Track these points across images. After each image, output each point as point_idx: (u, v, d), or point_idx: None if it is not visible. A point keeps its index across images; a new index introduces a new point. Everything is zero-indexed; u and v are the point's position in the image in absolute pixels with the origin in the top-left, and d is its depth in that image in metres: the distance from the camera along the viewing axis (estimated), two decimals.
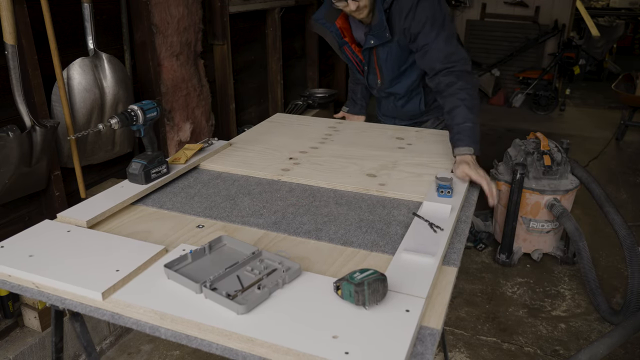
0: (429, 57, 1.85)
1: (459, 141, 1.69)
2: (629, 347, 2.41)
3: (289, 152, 1.88)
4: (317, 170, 1.71)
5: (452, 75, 1.79)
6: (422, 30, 1.83)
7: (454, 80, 1.78)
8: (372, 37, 1.93)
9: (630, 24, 9.43)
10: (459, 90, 1.76)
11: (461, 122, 1.71)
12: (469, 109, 1.72)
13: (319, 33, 2.11)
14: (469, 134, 1.69)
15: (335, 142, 2.00)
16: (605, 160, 4.85)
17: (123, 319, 1.02)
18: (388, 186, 1.58)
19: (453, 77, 1.79)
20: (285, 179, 1.66)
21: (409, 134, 2.07)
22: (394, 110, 2.24)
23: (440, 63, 1.82)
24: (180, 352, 2.39)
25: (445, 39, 1.83)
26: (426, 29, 1.83)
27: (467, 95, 1.75)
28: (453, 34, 1.88)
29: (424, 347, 0.93)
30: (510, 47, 6.65)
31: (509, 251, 3.07)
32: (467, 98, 1.74)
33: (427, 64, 1.88)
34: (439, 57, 1.83)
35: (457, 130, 1.71)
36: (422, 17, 1.82)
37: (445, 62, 1.81)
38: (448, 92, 1.78)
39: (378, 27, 1.89)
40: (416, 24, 1.83)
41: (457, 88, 1.76)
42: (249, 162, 1.78)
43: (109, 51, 2.33)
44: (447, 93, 1.79)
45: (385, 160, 1.79)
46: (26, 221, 2.17)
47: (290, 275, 1.07)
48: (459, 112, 1.73)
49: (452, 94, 1.77)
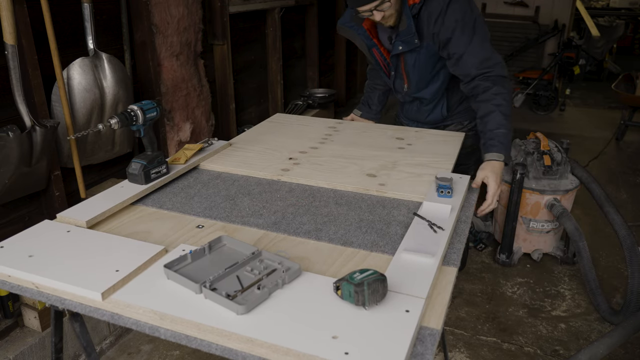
0: (463, 63, 1.80)
1: (491, 147, 1.68)
2: (629, 347, 2.41)
3: (288, 152, 1.88)
4: (317, 171, 1.70)
5: (489, 81, 1.76)
6: (453, 35, 1.78)
7: (489, 86, 1.75)
8: (401, 42, 1.88)
9: (630, 24, 9.43)
10: (495, 95, 1.73)
11: (495, 127, 1.69)
12: (504, 115, 1.70)
13: (347, 37, 2.07)
14: (501, 140, 1.68)
15: (335, 142, 1.99)
16: (605, 160, 4.85)
17: (123, 319, 1.02)
18: (388, 186, 1.58)
19: (489, 82, 1.75)
20: (285, 179, 1.66)
21: (408, 134, 2.07)
22: (417, 114, 2.20)
23: (475, 69, 1.78)
24: (180, 352, 2.39)
25: (479, 43, 1.78)
26: (457, 34, 1.77)
27: (503, 101, 1.72)
28: (486, 36, 1.82)
29: (424, 347, 0.93)
30: (510, 47, 6.65)
31: (509, 251, 3.07)
32: (503, 104, 1.72)
33: (462, 71, 1.83)
34: (474, 63, 1.78)
35: (490, 136, 1.70)
36: (451, 22, 1.77)
37: (480, 68, 1.77)
38: (483, 97, 1.75)
39: (406, 33, 1.83)
40: (446, 30, 1.78)
41: (493, 93, 1.73)
42: (249, 162, 1.78)
43: (109, 51, 2.33)
44: (481, 98, 1.76)
45: (385, 161, 1.79)
46: (26, 221, 2.17)
47: (290, 276, 1.07)
48: (493, 118, 1.70)
49: (487, 100, 1.74)
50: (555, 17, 6.46)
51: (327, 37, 5.21)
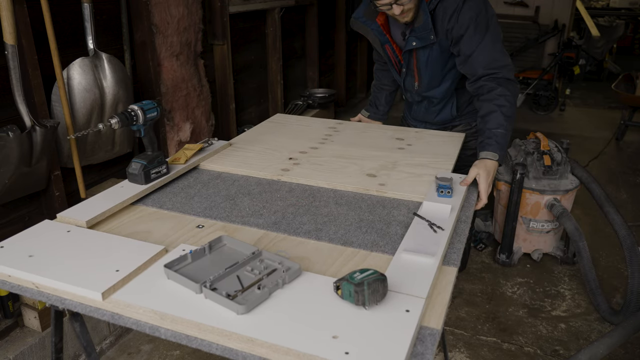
0: (472, 61, 1.79)
1: (487, 145, 1.68)
2: (629, 347, 2.41)
3: (288, 152, 1.88)
4: (317, 171, 1.71)
5: (494, 82, 1.75)
6: (466, 32, 1.77)
7: (494, 87, 1.74)
8: (415, 38, 1.86)
9: (630, 24, 9.43)
10: (499, 96, 1.73)
11: (494, 127, 1.69)
12: (505, 116, 1.70)
13: (360, 31, 2.04)
14: (499, 139, 1.68)
15: (335, 142, 1.99)
16: (605, 160, 4.85)
17: (123, 319, 1.01)
18: (388, 186, 1.58)
19: (495, 83, 1.75)
20: (285, 179, 1.66)
21: (408, 135, 2.07)
22: (426, 114, 2.19)
23: (483, 68, 1.77)
24: (180, 352, 2.39)
25: (491, 43, 1.77)
26: (470, 32, 1.76)
27: (506, 102, 1.72)
28: (498, 37, 1.81)
29: (424, 347, 0.93)
30: (510, 47, 6.65)
31: (509, 251, 3.07)
32: (506, 105, 1.72)
33: (470, 69, 1.82)
34: (483, 62, 1.77)
35: (488, 135, 1.69)
36: (466, 19, 1.76)
37: (488, 68, 1.77)
38: (487, 97, 1.75)
39: (422, 28, 1.82)
40: (460, 26, 1.77)
41: (497, 94, 1.73)
42: (249, 162, 1.78)
43: (109, 51, 2.33)
44: (485, 98, 1.76)
45: (385, 161, 1.79)
46: (26, 221, 2.17)
47: (290, 276, 1.07)
48: (493, 117, 1.70)
49: (491, 100, 1.74)
50: (555, 17, 6.46)
51: (327, 37, 5.21)
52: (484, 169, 1.62)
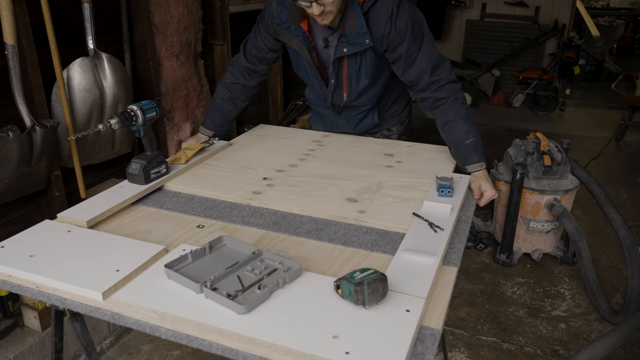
0: (415, 68, 1.71)
1: (469, 158, 1.67)
2: (629, 347, 2.41)
3: (264, 170, 1.72)
4: (291, 193, 1.55)
5: (442, 90, 1.71)
6: (405, 38, 1.68)
7: (445, 95, 1.70)
8: (346, 44, 1.70)
9: (630, 24, 9.42)
10: (452, 105, 1.70)
11: (464, 138, 1.67)
12: (464, 120, 1.68)
13: (283, 39, 1.83)
14: (475, 148, 1.67)
15: (317, 158, 1.83)
16: (605, 160, 4.85)
17: (123, 319, 1.02)
18: (368, 214, 1.42)
19: (443, 91, 1.70)
20: (254, 204, 1.51)
21: (399, 150, 1.92)
22: (346, 125, 2.06)
23: (428, 76, 1.71)
24: (180, 352, 2.39)
25: (430, 47, 1.72)
26: (408, 37, 1.68)
27: (459, 106, 1.70)
28: (434, 40, 1.75)
29: (424, 347, 0.93)
30: (510, 47, 6.65)
31: (509, 251, 3.07)
32: (460, 109, 1.70)
33: (412, 77, 1.74)
34: (427, 69, 1.70)
35: (463, 148, 1.68)
36: (403, 25, 1.67)
37: (433, 75, 1.71)
38: (441, 108, 1.71)
39: (356, 32, 1.67)
40: (397, 32, 1.67)
41: (450, 103, 1.70)
42: (219, 183, 1.62)
43: (109, 51, 2.33)
44: (439, 110, 1.72)
45: (369, 182, 1.63)
46: (26, 221, 2.17)
47: (290, 275, 1.07)
48: (457, 127, 1.69)
49: (446, 110, 1.70)
50: (555, 17, 6.45)
51: None
52: (484, 180, 1.63)
